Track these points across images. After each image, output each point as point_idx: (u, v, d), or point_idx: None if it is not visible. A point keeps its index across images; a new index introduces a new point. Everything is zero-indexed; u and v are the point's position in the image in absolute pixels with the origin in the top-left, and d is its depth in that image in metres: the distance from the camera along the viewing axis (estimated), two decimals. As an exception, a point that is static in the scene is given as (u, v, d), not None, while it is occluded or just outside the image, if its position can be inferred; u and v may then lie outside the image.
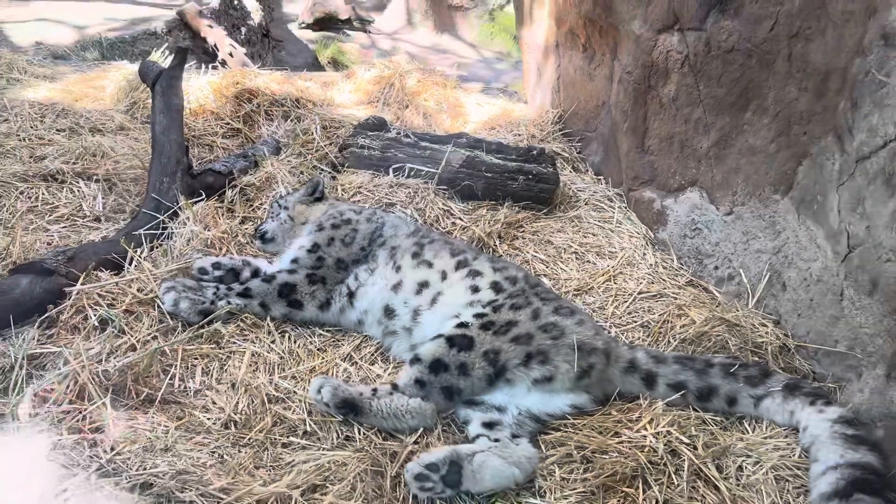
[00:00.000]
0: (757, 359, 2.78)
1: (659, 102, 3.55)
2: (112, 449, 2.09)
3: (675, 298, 3.17)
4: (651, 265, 3.45)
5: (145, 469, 2.03)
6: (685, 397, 2.60)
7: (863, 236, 2.46)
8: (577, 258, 3.47)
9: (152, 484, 1.99)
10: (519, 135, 4.45)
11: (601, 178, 4.17)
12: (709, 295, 3.23)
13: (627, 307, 3.17)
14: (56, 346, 2.45)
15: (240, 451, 2.23)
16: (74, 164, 3.48)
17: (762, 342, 2.81)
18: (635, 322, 3.08)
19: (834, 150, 2.64)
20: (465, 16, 11.52)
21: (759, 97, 3.00)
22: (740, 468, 2.39)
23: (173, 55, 3.56)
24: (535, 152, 3.79)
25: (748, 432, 2.55)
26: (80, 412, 2.25)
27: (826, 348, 2.66)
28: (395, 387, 2.46)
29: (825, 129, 2.69)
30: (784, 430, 2.53)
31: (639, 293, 3.24)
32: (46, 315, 2.55)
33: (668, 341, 2.93)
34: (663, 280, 3.35)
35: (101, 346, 2.45)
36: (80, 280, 2.63)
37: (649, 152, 3.69)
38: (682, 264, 3.47)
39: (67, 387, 2.32)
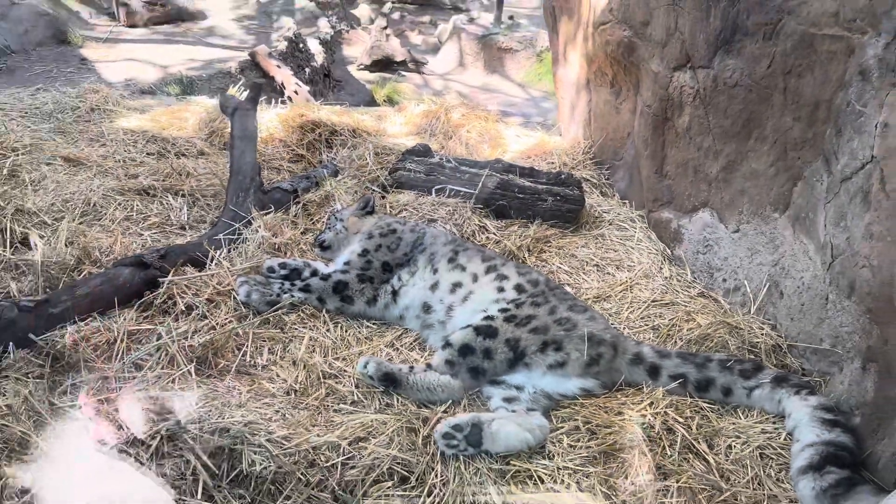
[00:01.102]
0: (752, 357, 3.11)
1: (675, 132, 3.94)
2: (197, 402, 2.57)
3: (685, 306, 3.53)
4: (666, 278, 3.81)
5: (223, 418, 2.50)
6: (685, 387, 2.93)
7: (844, 246, 2.80)
8: (598, 270, 3.86)
9: (228, 429, 2.44)
10: (552, 163, 4.88)
11: (625, 201, 4.56)
12: (717, 304, 3.56)
13: (641, 313, 3.53)
14: (150, 324, 2.97)
15: (299, 412, 2.68)
16: (163, 181, 4.06)
17: (758, 342, 3.15)
18: (647, 325, 3.44)
19: (822, 172, 2.99)
20: (513, 57, 12.01)
21: (759, 126, 3.37)
22: (729, 447, 2.71)
23: (249, 90, 4.14)
24: (563, 176, 4.22)
25: (740, 418, 2.88)
26: (170, 376, 2.75)
27: (813, 346, 2.98)
28: (429, 366, 2.89)
29: (815, 153, 3.04)
30: (772, 417, 2.85)
31: (652, 301, 3.60)
32: (143, 300, 3.08)
33: (675, 342, 3.27)
34: (676, 291, 3.70)
35: (187, 326, 2.95)
36: (171, 273, 3.16)
37: (667, 177, 4.08)
38: (695, 277, 3.82)
39: (160, 357, 2.84)
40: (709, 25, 3.51)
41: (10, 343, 2.70)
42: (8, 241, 3.30)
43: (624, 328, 3.38)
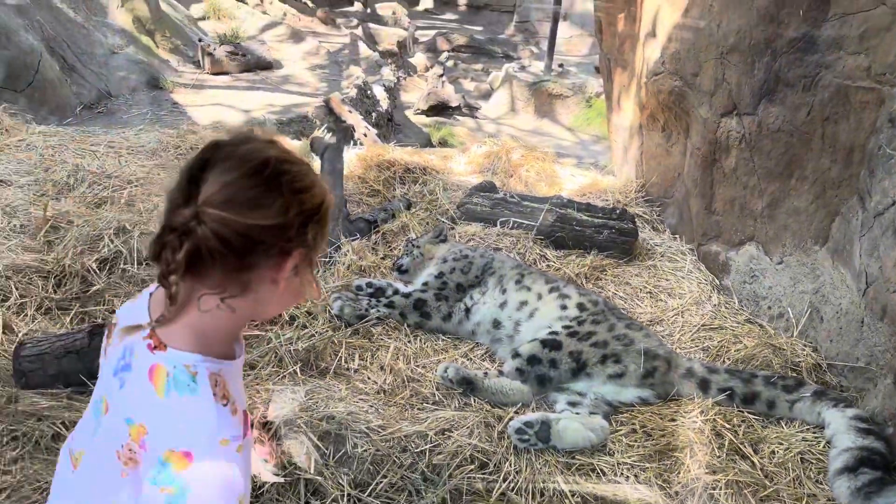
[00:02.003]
0: (794, 374, 3.42)
1: (722, 172, 4.31)
2: (305, 395, 3.01)
3: (733, 330, 3.85)
4: (715, 305, 4.14)
5: (328, 409, 2.93)
6: (732, 399, 3.25)
7: (876, 274, 3.12)
8: (650, 297, 4.21)
9: (334, 416, 2.87)
10: (606, 200, 5.28)
11: (676, 235, 4.92)
12: (762, 329, 3.86)
13: (691, 335, 3.86)
14: (261, 331, 3.45)
15: (389, 409, 3.09)
16: (261, 211, 4.59)
17: (799, 362, 3.46)
18: (697, 346, 3.76)
19: (857, 208, 3.32)
20: (564, 103, 12.50)
21: (800, 167, 3.71)
22: (773, 452, 3.01)
23: (338, 133, 4.68)
24: (618, 211, 4.62)
25: (783, 428, 3.18)
26: (279, 374, 3.21)
27: (850, 365, 3.29)
28: (500, 372, 3.29)
29: (851, 192, 3.38)
30: (812, 427, 3.15)
31: (702, 325, 3.93)
32: (253, 310, 3.56)
33: (724, 361, 3.59)
34: (724, 317, 4.02)
35: (292, 333, 3.41)
36: (276, 288, 3.64)
37: (715, 213, 4.43)
38: (741, 305, 4.14)
39: (270, 358, 3.30)
40: (753, 77, 3.91)
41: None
42: (135, 259, 3.83)
43: (676, 348, 3.71)
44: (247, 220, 1.34)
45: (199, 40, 9.71)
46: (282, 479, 2.60)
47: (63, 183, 4.73)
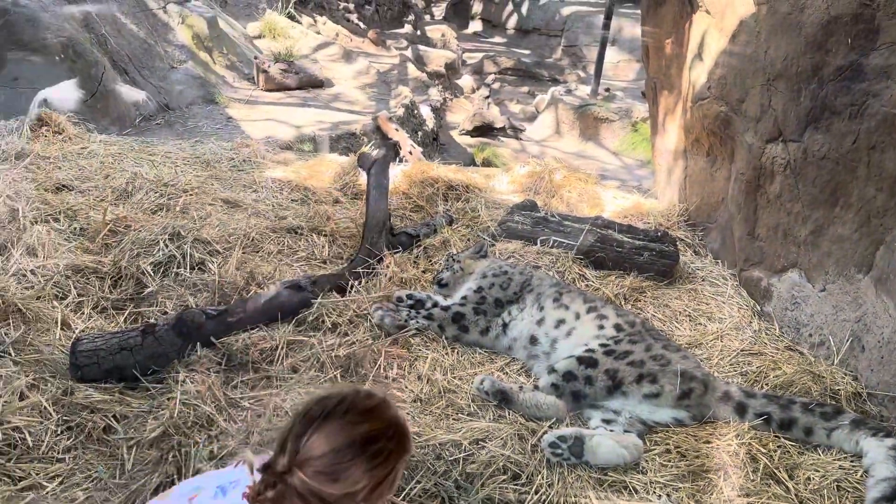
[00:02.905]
0: (833, 402, 3.38)
1: (766, 198, 4.29)
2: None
3: (773, 356, 3.83)
4: (755, 331, 4.11)
5: (366, 413, 3.01)
6: (769, 425, 3.23)
7: (921, 304, 3.10)
8: (690, 320, 4.21)
9: (372, 421, 2.95)
10: (648, 223, 5.29)
11: (718, 260, 4.90)
12: (802, 356, 3.83)
13: (730, 360, 3.84)
14: (304, 336, 3.56)
15: (424, 417, 3.16)
16: (307, 223, 4.73)
17: (839, 390, 3.42)
18: (735, 371, 3.74)
19: (903, 237, 3.31)
20: (609, 126, 12.47)
21: (845, 195, 3.69)
22: (808, 478, 2.97)
23: (385, 149, 4.81)
24: (659, 234, 4.63)
25: (819, 455, 3.15)
26: (320, 379, 3.31)
27: (891, 394, 3.25)
28: (536, 387, 3.34)
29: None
30: (850, 456, 3.11)
31: (741, 350, 3.91)
32: (298, 316, 3.68)
33: (762, 386, 3.57)
34: (765, 342, 3.99)
35: (333, 340, 3.52)
36: (320, 297, 3.76)
37: (758, 239, 4.42)
38: (782, 332, 4.10)
39: (312, 363, 3.40)
40: (799, 104, 3.91)
41: (198, 342, 3.34)
42: (188, 263, 4.00)
43: (714, 372, 3.71)
44: (330, 489, 1.64)
45: (255, 58, 10.03)
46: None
47: (121, 189, 4.96)
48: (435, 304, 3.95)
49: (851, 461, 3.08)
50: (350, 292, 3.92)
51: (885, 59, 3.34)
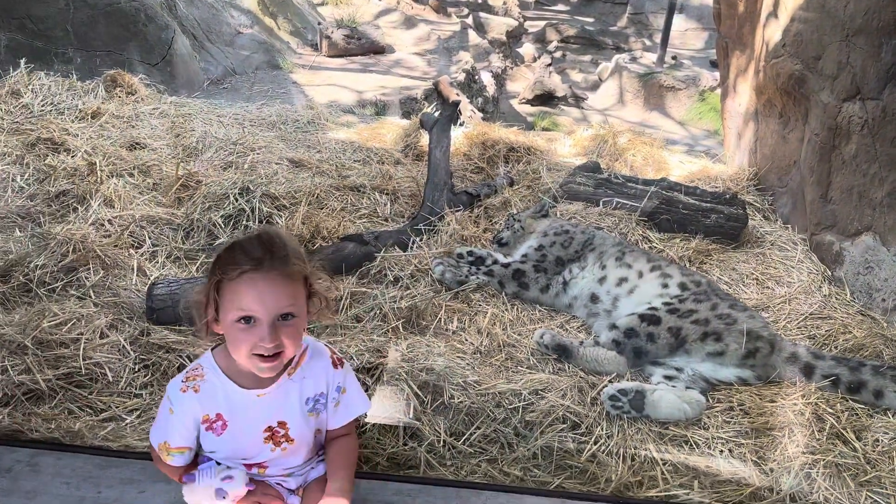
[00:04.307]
0: (907, 366, 3.27)
1: (841, 160, 4.14)
2: (407, 347, 3.17)
3: (843, 321, 3.72)
4: (825, 296, 3.99)
5: (428, 361, 3.06)
6: (837, 387, 3.15)
7: None
8: (757, 283, 4.11)
9: (433, 368, 3.01)
10: (716, 187, 5.16)
11: (788, 225, 4.75)
12: (874, 321, 3.72)
13: (798, 323, 3.75)
14: (368, 288, 3.64)
15: (485, 367, 3.20)
16: (370, 182, 4.80)
17: (913, 353, 3.32)
18: (803, 335, 3.66)
19: None
20: (675, 95, 12.14)
21: (926, 154, 3.55)
22: (877, 440, 2.91)
23: (446, 109, 4.81)
24: (727, 196, 4.52)
25: (890, 419, 3.06)
26: (383, 329, 3.38)
27: (970, 359, 3.12)
28: (596, 342, 3.33)
29: (983, 180, 3.21)
30: (923, 420, 3.03)
31: (810, 314, 3.81)
32: (361, 269, 3.76)
33: (831, 349, 3.49)
34: (834, 307, 3.88)
35: (396, 292, 3.59)
36: (383, 251, 3.82)
37: (831, 202, 4.27)
38: (854, 297, 3.98)
39: (375, 313, 3.48)
40: (880, 60, 3.74)
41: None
42: (257, 217, 4.11)
43: (781, 335, 3.63)
44: None
45: (318, 24, 10.13)
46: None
47: (192, 147, 5.12)
48: (495, 262, 3.97)
49: (924, 425, 2.99)
50: (412, 248, 3.97)
51: (978, 8, 3.16)
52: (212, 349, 2.09)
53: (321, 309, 2.09)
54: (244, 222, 4.03)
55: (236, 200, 4.11)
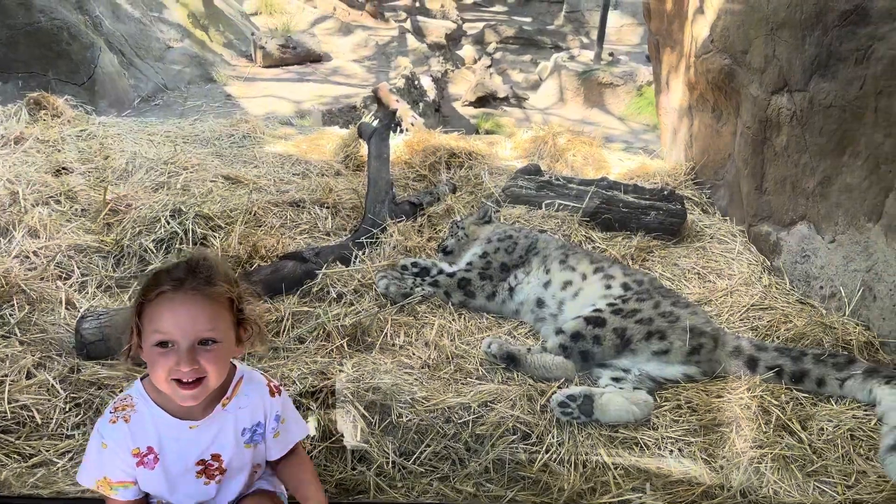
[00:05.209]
0: (845, 352, 3.34)
1: (773, 151, 4.22)
2: (352, 367, 3.09)
3: (783, 310, 3.78)
4: (765, 286, 4.06)
5: (374, 380, 2.99)
6: (781, 377, 3.19)
7: (933, 249, 3.04)
8: (699, 277, 4.16)
9: (380, 387, 2.94)
10: (655, 183, 5.21)
11: (726, 218, 4.84)
12: (814, 309, 3.79)
13: (740, 315, 3.80)
14: (309, 307, 3.54)
15: (433, 382, 3.14)
16: (310, 195, 4.69)
17: (851, 340, 3.38)
18: (746, 326, 3.71)
19: (913, 183, 3.24)
20: (614, 92, 12.31)
21: (853, 143, 3.62)
22: (821, 429, 2.95)
23: (383, 118, 4.75)
24: (665, 192, 4.57)
25: (833, 406, 3.12)
26: (327, 349, 3.29)
27: (905, 342, 3.21)
28: (544, 349, 3.31)
29: (906, 166, 3.30)
30: (863, 405, 3.08)
31: (752, 305, 3.87)
32: (302, 287, 3.66)
33: (773, 340, 3.53)
34: (775, 297, 3.94)
35: (339, 310, 3.50)
36: (324, 267, 3.73)
37: (766, 193, 4.35)
38: (793, 286, 4.05)
39: (318, 333, 3.39)
40: (804, 52, 3.82)
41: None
42: (190, 239, 3.98)
43: (725, 328, 3.66)
44: None
45: (252, 34, 9.94)
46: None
47: (122, 169, 4.94)
48: (440, 271, 3.92)
49: (865, 410, 3.05)
50: (354, 262, 3.89)
51: (891, 0, 3.25)
52: (141, 378, 1.99)
53: (252, 336, 2.00)
54: (177, 245, 3.89)
55: (168, 223, 3.96)
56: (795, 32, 3.86)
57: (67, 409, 2.88)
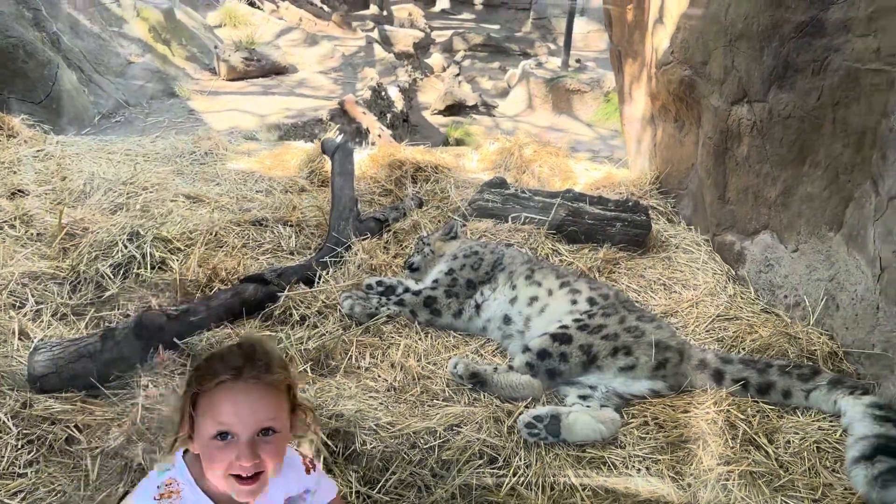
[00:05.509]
0: (810, 363, 3.36)
1: (735, 161, 4.24)
2: (314, 393, 3.03)
3: (749, 320, 3.80)
4: (730, 295, 4.07)
5: (338, 406, 2.94)
6: (747, 390, 3.19)
7: (891, 258, 3.06)
8: (664, 289, 4.16)
9: (343, 414, 2.88)
10: (621, 193, 5.22)
11: (691, 227, 4.86)
12: (778, 318, 3.81)
13: (706, 326, 3.81)
14: (272, 331, 3.47)
15: (399, 405, 3.09)
16: (273, 213, 4.62)
17: (815, 350, 3.39)
18: (712, 337, 3.71)
19: (871, 193, 3.25)
20: (581, 98, 12.43)
21: (812, 153, 3.65)
22: (788, 441, 2.95)
23: (347, 133, 4.69)
24: (630, 203, 4.57)
25: (799, 418, 3.12)
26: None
27: (867, 352, 3.22)
28: (510, 367, 3.28)
29: (864, 176, 3.31)
30: (829, 416, 3.09)
31: (717, 316, 3.88)
32: (264, 311, 3.59)
33: (739, 351, 3.53)
34: (740, 307, 3.96)
35: (302, 333, 3.43)
36: (287, 289, 3.67)
37: (729, 203, 4.37)
38: (757, 295, 4.07)
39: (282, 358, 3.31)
40: (763, 63, 3.85)
41: (160, 344, 3.24)
42: (149, 263, 3.88)
43: (691, 339, 3.67)
44: None
45: (215, 47, 9.82)
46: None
47: (79, 191, 4.82)
48: (406, 290, 3.87)
49: (830, 421, 3.06)
50: (318, 283, 3.83)
51: (844, 12, 3.28)
52: (182, 454, 1.88)
53: (305, 422, 1.94)
54: (135, 270, 3.79)
55: (125, 247, 3.87)
56: (753, 44, 3.89)
57: (20, 447, 2.77)
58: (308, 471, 2.05)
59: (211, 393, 1.71)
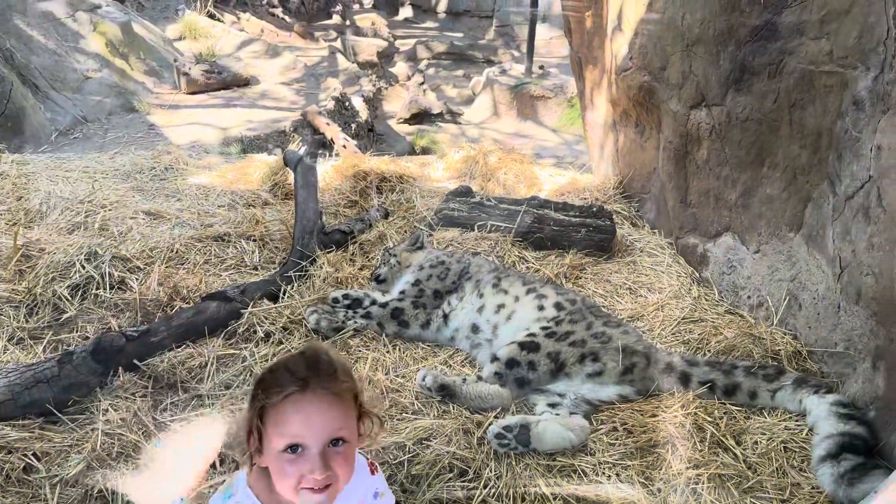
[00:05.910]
0: (775, 363, 3.39)
1: (695, 164, 4.29)
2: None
3: (713, 322, 3.83)
4: (695, 298, 4.11)
5: (304, 424, 2.88)
6: (714, 392, 3.22)
7: (850, 258, 3.11)
8: (630, 293, 4.19)
9: (310, 432, 2.83)
10: (585, 198, 5.26)
11: (655, 230, 4.90)
12: (743, 319, 3.84)
13: (672, 329, 3.83)
14: (235, 350, 3.41)
15: (367, 420, 3.06)
16: (236, 228, 4.55)
17: (779, 350, 3.43)
18: (678, 340, 3.73)
19: (828, 193, 3.31)
20: (545, 104, 12.50)
21: (771, 155, 3.70)
22: (755, 442, 2.97)
23: (309, 145, 4.65)
24: (594, 209, 4.60)
25: (765, 418, 3.15)
26: (255, 392, 3.16)
27: (829, 350, 3.26)
28: (479, 378, 3.26)
29: (821, 177, 3.36)
30: (794, 416, 3.12)
31: (682, 318, 3.90)
32: (227, 329, 3.52)
33: (705, 353, 3.56)
34: (705, 309, 4.00)
35: (267, 350, 3.38)
36: (251, 306, 3.60)
37: (691, 206, 4.42)
38: (721, 297, 4.12)
39: (246, 377, 3.26)
40: (719, 67, 3.90)
41: (119, 367, 3.16)
42: (107, 283, 3.79)
43: (657, 343, 3.69)
44: None
45: (175, 60, 9.68)
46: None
47: (35, 211, 4.70)
48: (373, 302, 3.83)
49: (797, 421, 3.09)
50: (282, 298, 3.77)
51: (798, 15, 3.34)
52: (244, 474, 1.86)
53: (374, 430, 1.91)
54: (94, 291, 3.70)
55: (83, 268, 3.77)
56: (710, 48, 3.94)
57: (-26, 478, 2.68)
58: (372, 472, 2.04)
59: (278, 406, 1.67)
